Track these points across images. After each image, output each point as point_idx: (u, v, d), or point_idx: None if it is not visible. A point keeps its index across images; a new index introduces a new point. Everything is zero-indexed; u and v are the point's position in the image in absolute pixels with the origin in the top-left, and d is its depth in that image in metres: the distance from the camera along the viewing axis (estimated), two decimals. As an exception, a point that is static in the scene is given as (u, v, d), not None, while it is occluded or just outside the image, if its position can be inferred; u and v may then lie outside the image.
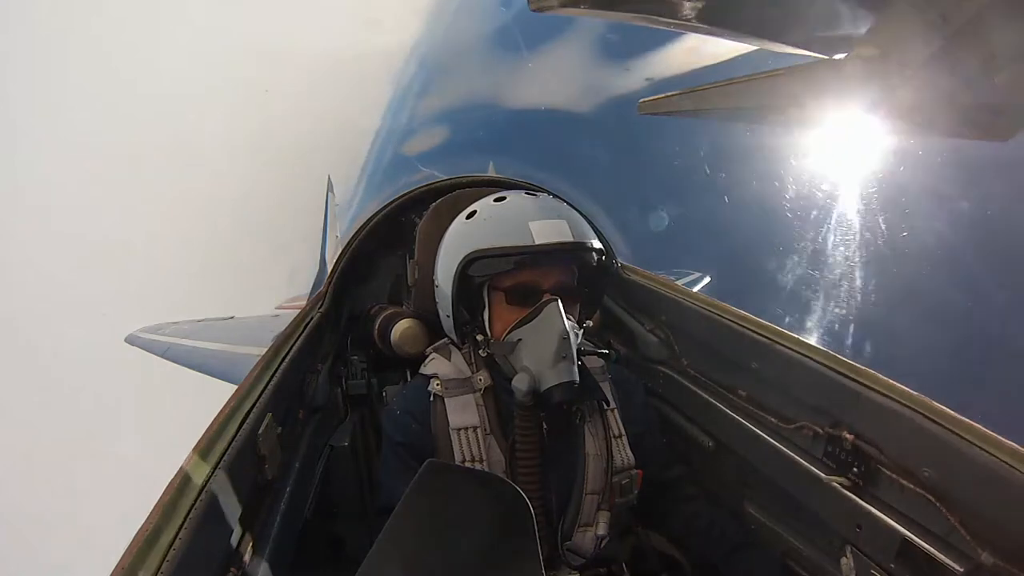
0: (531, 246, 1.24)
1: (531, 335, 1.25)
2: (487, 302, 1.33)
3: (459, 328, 1.39)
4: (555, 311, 1.24)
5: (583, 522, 1.31)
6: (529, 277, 1.29)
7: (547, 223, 1.27)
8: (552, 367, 1.21)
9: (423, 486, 0.64)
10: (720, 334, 1.55)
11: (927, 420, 1.04)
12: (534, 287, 1.29)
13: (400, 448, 1.37)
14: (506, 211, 1.32)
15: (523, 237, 1.24)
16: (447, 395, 1.37)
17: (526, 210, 1.30)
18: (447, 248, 1.40)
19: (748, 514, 1.52)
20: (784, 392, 1.37)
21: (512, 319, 1.28)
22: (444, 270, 1.37)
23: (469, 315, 1.37)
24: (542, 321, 1.24)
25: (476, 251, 1.27)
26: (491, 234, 1.28)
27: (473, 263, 1.29)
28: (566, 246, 1.27)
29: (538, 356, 1.23)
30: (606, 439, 1.37)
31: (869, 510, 1.15)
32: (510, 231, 1.26)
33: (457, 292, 1.33)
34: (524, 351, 1.25)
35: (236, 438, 0.99)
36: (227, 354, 5.17)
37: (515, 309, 1.29)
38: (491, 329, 1.33)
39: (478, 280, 1.31)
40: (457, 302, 1.34)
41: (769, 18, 0.49)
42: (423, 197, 2.02)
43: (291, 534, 1.27)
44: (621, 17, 0.51)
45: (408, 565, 0.53)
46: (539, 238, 1.24)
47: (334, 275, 1.97)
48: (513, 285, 1.29)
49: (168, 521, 0.76)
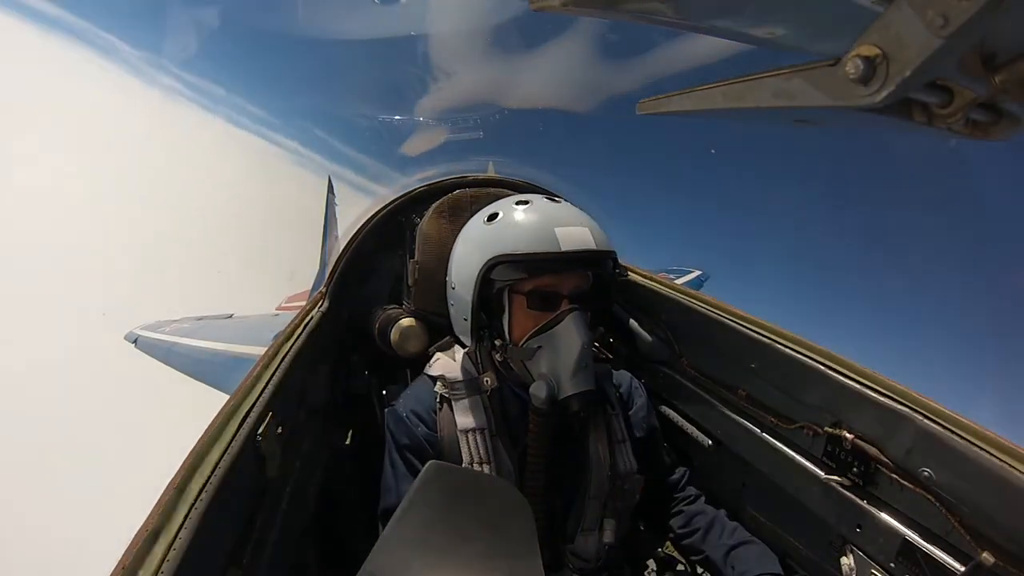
0: (558, 253, 1.24)
1: (552, 343, 1.25)
2: (507, 306, 1.32)
3: (477, 332, 1.38)
4: (578, 321, 1.24)
5: (586, 526, 1.31)
6: (550, 283, 1.29)
7: (572, 230, 1.27)
8: (572, 376, 1.21)
9: (426, 487, 0.64)
10: (720, 334, 1.55)
11: (927, 420, 1.04)
12: (555, 293, 1.29)
13: (406, 450, 1.37)
14: (532, 216, 1.30)
15: (550, 243, 1.24)
16: (454, 397, 1.37)
17: (552, 216, 1.30)
18: (466, 250, 1.38)
19: (748, 514, 1.52)
20: (784, 392, 1.37)
21: (532, 324, 1.28)
22: (463, 273, 1.35)
23: (487, 318, 1.36)
24: (564, 330, 1.24)
25: (503, 255, 1.26)
26: (518, 239, 1.27)
27: (496, 267, 1.28)
28: (592, 254, 1.27)
29: (558, 365, 1.23)
30: (610, 444, 1.37)
31: (869, 510, 1.15)
32: (538, 237, 1.26)
33: (479, 295, 1.32)
34: (543, 359, 1.25)
35: (236, 438, 0.99)
36: (227, 354, 5.18)
37: (535, 314, 1.29)
38: (510, 334, 1.33)
39: (499, 284, 1.31)
40: (478, 306, 1.33)
41: (769, 18, 0.49)
42: (423, 197, 2.02)
43: (292, 534, 1.27)
44: (621, 17, 0.51)
45: (410, 566, 0.53)
46: (565, 245, 1.24)
47: (334, 275, 1.97)
48: (534, 290, 1.29)
49: (168, 521, 0.76)
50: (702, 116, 0.59)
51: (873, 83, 0.41)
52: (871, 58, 0.40)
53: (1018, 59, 0.43)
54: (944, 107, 0.46)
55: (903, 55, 0.38)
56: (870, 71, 0.40)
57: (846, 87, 0.42)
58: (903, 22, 0.37)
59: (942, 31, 0.35)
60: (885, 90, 0.40)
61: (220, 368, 4.92)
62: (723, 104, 0.54)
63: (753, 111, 0.53)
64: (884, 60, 0.39)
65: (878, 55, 0.39)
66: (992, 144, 0.51)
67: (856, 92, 0.42)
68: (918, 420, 1.05)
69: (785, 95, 0.48)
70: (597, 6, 0.50)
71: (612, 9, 0.49)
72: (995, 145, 0.52)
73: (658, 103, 0.62)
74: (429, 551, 0.55)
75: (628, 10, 0.49)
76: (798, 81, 0.47)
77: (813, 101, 0.46)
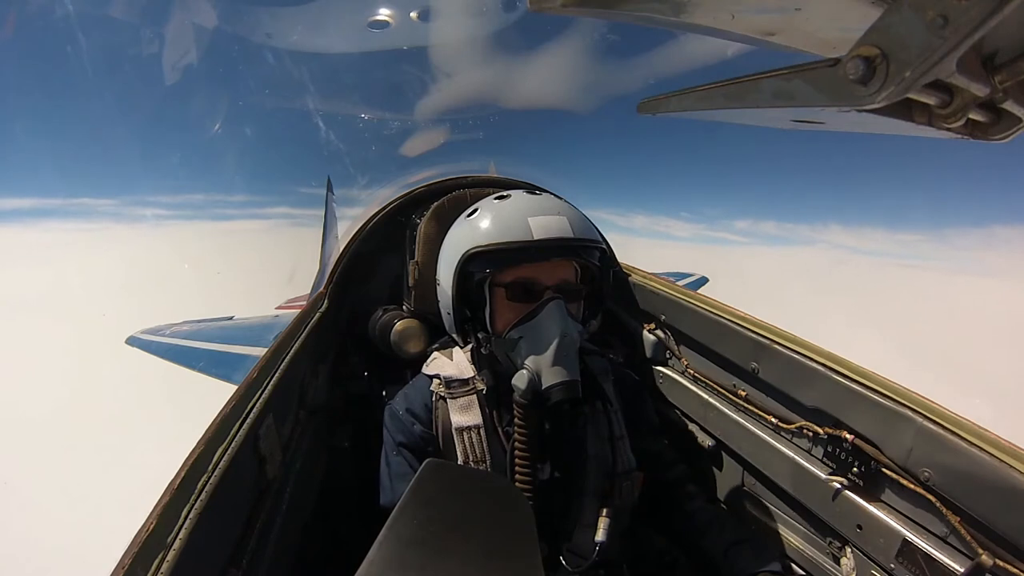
0: (529, 241, 1.23)
1: (531, 333, 1.24)
2: (488, 299, 1.32)
3: (460, 326, 1.38)
4: (556, 309, 1.23)
5: (584, 523, 1.31)
6: (529, 273, 1.28)
7: (547, 219, 1.26)
8: (552, 366, 1.20)
9: (423, 485, 0.64)
10: (720, 334, 1.55)
11: (927, 420, 1.04)
12: (535, 284, 1.28)
13: (402, 448, 1.37)
14: (506, 208, 1.31)
15: (522, 232, 1.24)
16: (449, 395, 1.37)
17: (526, 207, 1.30)
18: (448, 246, 1.39)
19: (748, 514, 1.52)
20: (784, 392, 1.37)
21: (513, 316, 1.28)
22: (445, 268, 1.37)
23: (470, 312, 1.36)
24: (543, 319, 1.23)
25: (475, 247, 1.27)
26: (491, 230, 1.27)
27: (472, 259, 1.28)
28: (565, 241, 1.26)
29: (538, 354, 1.22)
30: (608, 440, 1.36)
31: (869, 510, 1.15)
32: (509, 227, 1.25)
33: (458, 289, 1.33)
34: (524, 349, 1.25)
35: (236, 438, 0.99)
36: (227, 355, 5.17)
37: (516, 306, 1.28)
38: (493, 326, 1.32)
39: (478, 277, 1.30)
40: (458, 299, 1.34)
41: (769, 18, 0.49)
42: (423, 197, 2.02)
43: (291, 534, 1.27)
44: (621, 17, 0.51)
45: (408, 565, 0.53)
46: (538, 233, 1.23)
47: (334, 275, 1.97)
48: (513, 281, 1.28)
49: (168, 521, 0.76)
50: (702, 116, 0.59)
51: (873, 83, 0.41)
52: (871, 58, 0.40)
53: (1018, 59, 0.43)
54: (944, 107, 0.46)
55: (903, 55, 0.38)
56: (870, 71, 0.40)
57: (846, 87, 0.42)
58: (903, 22, 0.37)
59: (942, 31, 0.35)
60: (885, 90, 0.40)
61: (220, 368, 4.92)
62: (723, 104, 0.54)
63: (753, 111, 0.53)
64: (884, 60, 0.39)
65: (878, 55, 0.39)
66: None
67: (856, 92, 0.42)
68: (918, 420, 1.05)
69: (785, 95, 0.48)
70: (597, 6, 0.50)
71: (612, 9, 0.50)
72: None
73: (658, 103, 0.62)
74: (426, 549, 0.55)
75: (628, 10, 0.49)
76: (798, 81, 0.47)
77: (813, 101, 0.46)
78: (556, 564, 1.30)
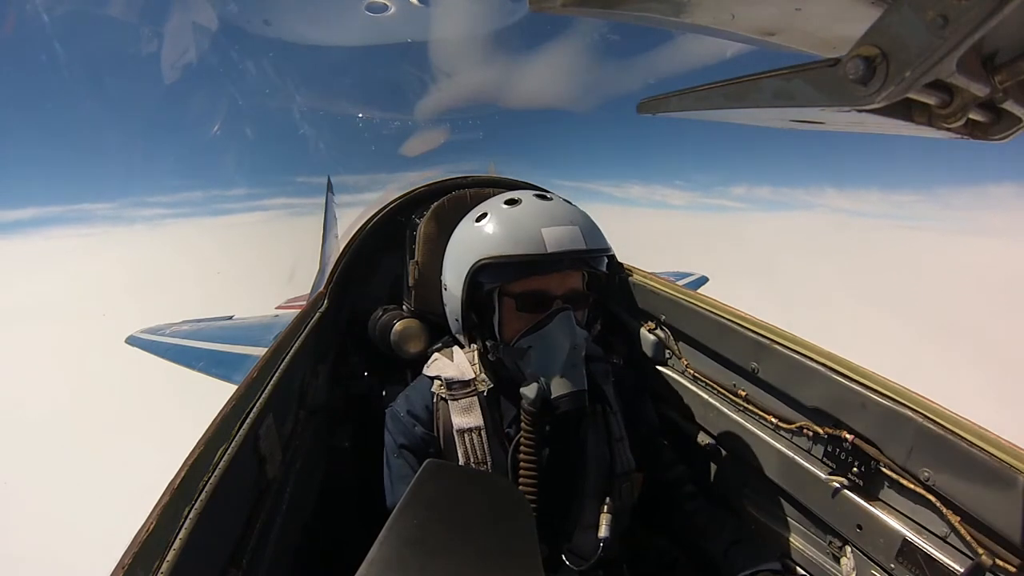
0: (543, 254, 1.22)
1: (541, 343, 1.24)
2: (497, 307, 1.31)
3: (467, 332, 1.38)
4: (566, 320, 1.23)
5: (584, 524, 1.31)
6: (540, 284, 1.27)
7: (559, 230, 1.25)
8: (562, 376, 1.21)
9: (423, 486, 0.64)
10: (720, 334, 1.55)
11: (927, 420, 1.04)
12: (545, 294, 1.27)
13: (404, 450, 1.37)
14: (518, 217, 1.29)
15: (535, 245, 1.22)
16: (451, 397, 1.36)
17: (538, 216, 1.28)
18: (456, 251, 1.38)
19: (748, 514, 1.52)
20: (784, 392, 1.37)
21: (522, 325, 1.27)
22: (453, 274, 1.35)
23: (478, 319, 1.36)
24: (553, 330, 1.23)
25: (487, 258, 1.25)
26: (503, 240, 1.25)
27: (483, 270, 1.27)
28: (577, 254, 1.25)
29: (548, 365, 1.23)
30: (608, 442, 1.37)
31: (869, 510, 1.15)
32: (522, 238, 1.24)
33: (467, 297, 1.32)
34: (534, 358, 1.25)
35: (236, 438, 0.98)
36: (227, 355, 5.17)
37: (525, 316, 1.28)
38: (501, 334, 1.32)
39: (488, 287, 1.30)
40: (467, 307, 1.33)
41: (769, 18, 0.49)
42: (423, 197, 2.02)
43: (291, 534, 1.27)
44: (621, 17, 0.51)
45: (408, 566, 0.53)
46: (551, 246, 1.22)
47: (334, 275, 1.96)
48: (524, 292, 1.27)
49: (168, 521, 0.76)
50: (702, 116, 0.59)
51: (873, 83, 0.41)
52: (871, 58, 0.40)
53: (1018, 59, 0.43)
54: (944, 107, 0.46)
55: (903, 55, 0.38)
56: (870, 71, 0.40)
57: (846, 87, 0.42)
58: (903, 22, 0.37)
59: (942, 31, 0.35)
60: (885, 90, 0.40)
61: (220, 368, 4.92)
62: (723, 104, 0.54)
63: (753, 111, 0.53)
64: (884, 60, 0.39)
65: (878, 55, 0.39)
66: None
67: (856, 92, 0.42)
68: (918, 420, 1.05)
69: (785, 95, 0.48)
70: (597, 6, 0.50)
71: (612, 9, 0.50)
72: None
73: (658, 103, 0.62)
74: (426, 549, 0.55)
75: (628, 10, 0.49)
76: (798, 81, 0.47)
77: (813, 101, 0.46)
78: (556, 565, 1.30)
